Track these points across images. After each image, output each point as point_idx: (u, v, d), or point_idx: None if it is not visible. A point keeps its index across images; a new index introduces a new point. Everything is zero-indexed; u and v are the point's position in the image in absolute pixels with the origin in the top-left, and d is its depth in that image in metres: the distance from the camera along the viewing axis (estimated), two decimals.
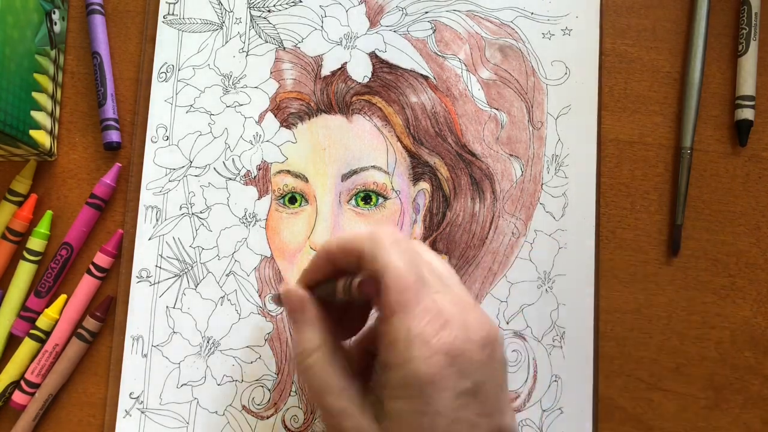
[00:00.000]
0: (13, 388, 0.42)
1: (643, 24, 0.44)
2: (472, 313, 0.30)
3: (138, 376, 0.41)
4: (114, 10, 0.45)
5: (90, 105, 0.44)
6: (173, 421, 0.41)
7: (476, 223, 0.42)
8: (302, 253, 0.42)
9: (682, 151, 0.43)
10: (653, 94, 0.44)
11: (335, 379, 0.31)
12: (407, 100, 0.43)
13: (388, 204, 0.42)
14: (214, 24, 0.44)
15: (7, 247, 0.43)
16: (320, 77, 0.43)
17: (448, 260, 0.42)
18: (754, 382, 0.41)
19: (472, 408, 0.29)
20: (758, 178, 0.43)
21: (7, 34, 0.38)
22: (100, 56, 0.44)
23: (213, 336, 0.41)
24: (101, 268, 0.42)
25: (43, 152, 0.42)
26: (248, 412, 0.41)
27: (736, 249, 0.43)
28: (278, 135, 0.43)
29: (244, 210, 0.42)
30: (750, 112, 0.43)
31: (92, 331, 0.42)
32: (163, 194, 0.43)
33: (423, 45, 0.44)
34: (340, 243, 0.33)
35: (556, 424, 0.40)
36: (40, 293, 0.42)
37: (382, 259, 0.30)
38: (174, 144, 0.43)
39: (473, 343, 0.29)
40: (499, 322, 0.41)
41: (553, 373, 0.41)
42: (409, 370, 0.28)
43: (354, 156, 0.42)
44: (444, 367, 0.28)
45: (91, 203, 0.42)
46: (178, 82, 0.44)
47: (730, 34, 0.44)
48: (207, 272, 0.42)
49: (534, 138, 0.43)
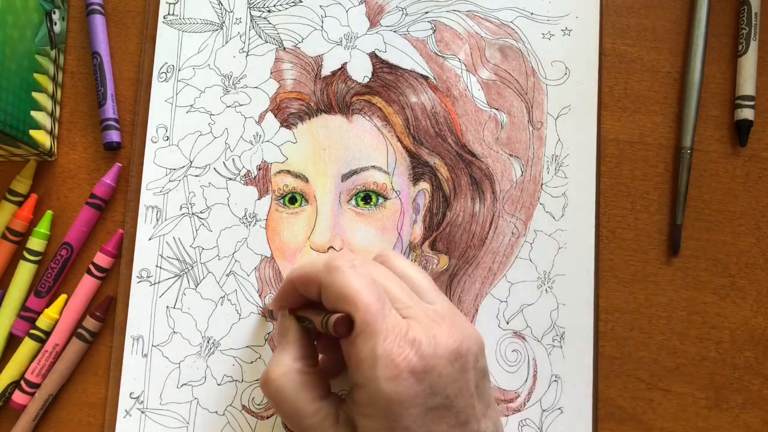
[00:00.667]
0: (13, 388, 0.42)
1: (643, 24, 0.44)
2: (443, 324, 0.30)
3: (138, 376, 0.41)
4: (114, 10, 0.45)
5: (90, 105, 0.44)
6: (173, 421, 0.41)
7: (476, 223, 0.42)
8: (302, 253, 0.42)
9: (682, 151, 0.43)
10: (653, 94, 0.44)
11: (305, 402, 0.31)
12: (407, 100, 0.43)
13: (388, 204, 0.42)
14: (214, 24, 0.44)
15: (7, 247, 0.43)
16: (320, 77, 0.43)
17: (448, 260, 0.42)
18: (754, 382, 0.41)
19: (445, 420, 0.29)
20: (758, 178, 0.43)
21: (7, 34, 0.38)
22: (100, 56, 0.44)
23: (213, 336, 0.42)
24: (101, 268, 0.42)
25: (43, 152, 0.42)
26: (248, 412, 0.41)
27: (736, 249, 0.43)
28: (278, 135, 0.43)
29: (244, 210, 0.42)
30: (750, 112, 0.43)
31: (92, 331, 0.42)
32: (164, 194, 0.43)
33: (423, 45, 0.44)
34: (299, 274, 0.33)
35: (556, 424, 0.40)
36: (40, 293, 0.42)
37: (341, 286, 0.30)
38: (174, 144, 0.43)
39: (442, 358, 0.29)
40: (499, 322, 0.41)
41: (553, 373, 0.41)
42: (376, 390, 0.28)
43: (354, 156, 0.42)
44: (411, 386, 0.28)
45: (91, 203, 0.42)
46: (179, 82, 0.44)
47: (730, 34, 0.44)
48: (207, 272, 0.42)
49: (534, 138, 0.43)
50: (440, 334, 0.30)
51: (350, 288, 0.30)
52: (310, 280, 0.32)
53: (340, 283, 0.30)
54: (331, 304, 0.31)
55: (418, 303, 0.32)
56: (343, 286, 0.30)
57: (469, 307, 0.41)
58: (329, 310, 0.31)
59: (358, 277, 0.30)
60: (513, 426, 0.40)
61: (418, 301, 0.32)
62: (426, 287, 0.33)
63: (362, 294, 0.30)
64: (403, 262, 0.34)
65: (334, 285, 0.30)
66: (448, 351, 0.29)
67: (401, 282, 0.32)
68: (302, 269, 0.33)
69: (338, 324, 0.30)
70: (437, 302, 0.32)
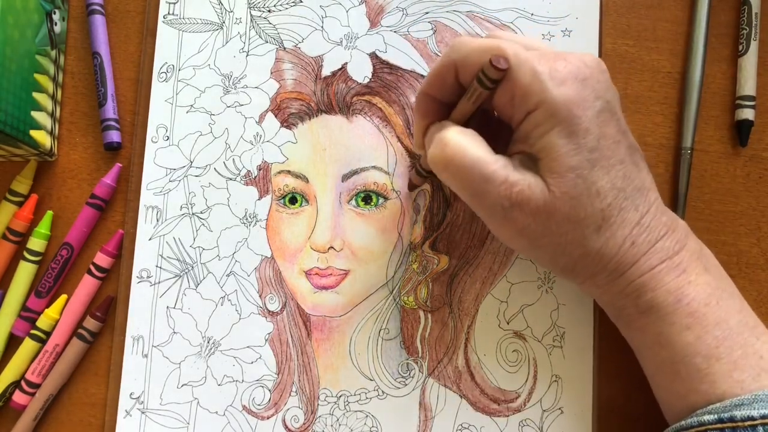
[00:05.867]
0: (14, 388, 0.42)
1: (643, 24, 0.44)
2: (575, 52, 0.33)
3: (138, 376, 0.41)
4: (114, 10, 0.45)
5: (90, 105, 0.44)
6: (173, 422, 0.41)
7: (476, 224, 0.42)
8: (302, 253, 0.42)
9: (683, 151, 0.43)
10: (653, 94, 0.44)
11: (485, 152, 0.33)
12: (407, 101, 0.43)
13: (388, 204, 0.42)
14: (215, 24, 0.44)
15: (8, 247, 0.43)
16: (320, 77, 0.43)
17: (449, 260, 0.42)
18: None
19: (611, 124, 0.32)
20: (758, 178, 0.43)
21: (7, 35, 0.38)
22: (100, 56, 0.44)
23: (213, 336, 0.42)
24: (101, 268, 0.42)
25: (43, 152, 0.42)
26: (248, 412, 0.41)
27: (736, 249, 0.43)
28: (279, 135, 0.43)
29: (244, 210, 0.42)
30: (750, 112, 0.43)
31: (92, 331, 0.42)
32: (164, 194, 0.43)
33: (423, 45, 0.44)
34: (432, 75, 0.35)
35: (556, 424, 0.40)
36: (41, 293, 0.42)
37: (479, 43, 0.33)
38: (174, 144, 0.43)
39: (592, 68, 0.32)
40: (500, 322, 0.41)
41: (553, 373, 0.41)
42: (551, 100, 0.31)
43: (354, 156, 0.42)
44: (578, 89, 0.31)
45: (91, 203, 0.42)
46: (179, 82, 0.44)
47: (731, 34, 0.44)
48: (207, 272, 0.42)
49: None
50: (579, 54, 0.33)
51: (487, 41, 0.33)
52: (444, 70, 0.34)
53: (475, 42, 0.33)
54: (475, 61, 0.33)
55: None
56: (480, 42, 0.33)
57: (470, 307, 0.41)
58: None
59: (486, 38, 0.34)
60: (513, 426, 0.40)
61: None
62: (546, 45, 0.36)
63: (503, 39, 0.33)
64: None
65: (470, 45, 0.33)
66: (595, 62, 0.33)
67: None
68: (428, 77, 0.35)
69: (495, 59, 0.31)
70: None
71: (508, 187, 0.32)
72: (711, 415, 0.32)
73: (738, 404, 0.31)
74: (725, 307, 0.34)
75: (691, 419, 0.33)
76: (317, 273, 0.42)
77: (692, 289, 0.33)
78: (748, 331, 0.33)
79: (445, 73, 0.34)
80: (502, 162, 0.33)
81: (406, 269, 0.42)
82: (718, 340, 0.33)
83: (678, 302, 0.33)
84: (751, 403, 0.31)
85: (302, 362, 0.41)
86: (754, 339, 0.33)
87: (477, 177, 0.33)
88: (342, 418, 0.41)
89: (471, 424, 0.41)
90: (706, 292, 0.33)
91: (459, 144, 0.33)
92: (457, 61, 0.33)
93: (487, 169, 0.32)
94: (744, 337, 0.33)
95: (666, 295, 0.33)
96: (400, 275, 0.42)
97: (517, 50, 0.32)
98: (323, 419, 0.41)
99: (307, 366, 0.41)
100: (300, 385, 0.41)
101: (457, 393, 0.41)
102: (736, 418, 0.31)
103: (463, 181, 0.33)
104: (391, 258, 0.42)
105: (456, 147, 0.33)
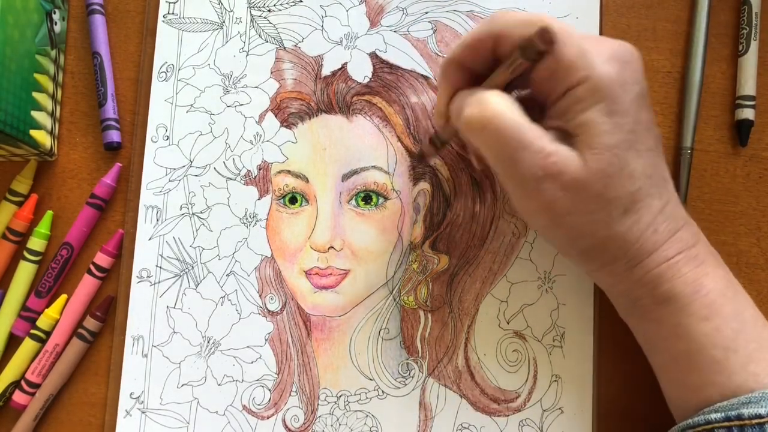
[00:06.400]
0: (14, 388, 0.42)
1: (643, 24, 0.44)
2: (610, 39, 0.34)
3: (138, 376, 0.41)
4: (114, 10, 0.45)
5: (90, 105, 0.44)
6: (174, 421, 0.41)
7: (476, 223, 0.42)
8: (302, 253, 0.42)
9: (683, 151, 0.43)
10: (653, 94, 0.44)
11: (523, 119, 0.32)
12: (407, 101, 0.43)
13: (388, 204, 0.42)
14: (215, 24, 0.44)
15: (8, 247, 0.43)
16: (320, 77, 0.43)
17: (449, 260, 0.42)
18: None
19: (645, 111, 0.33)
20: (758, 178, 0.43)
21: (7, 35, 0.38)
22: (100, 56, 0.44)
23: (213, 336, 0.42)
24: (101, 268, 0.42)
25: (43, 152, 0.42)
26: (248, 412, 0.41)
27: (736, 249, 0.43)
28: (278, 135, 0.43)
29: (244, 210, 0.42)
30: (750, 112, 0.43)
31: (92, 331, 0.42)
32: (164, 194, 0.43)
33: (423, 45, 0.44)
34: (465, 43, 0.34)
35: (556, 424, 0.40)
36: (41, 293, 0.42)
37: (518, 16, 0.33)
38: (174, 144, 0.43)
39: (633, 53, 0.33)
40: (500, 321, 0.41)
41: (553, 373, 0.41)
42: (596, 76, 0.31)
43: (354, 156, 0.42)
44: (620, 70, 0.32)
45: (91, 203, 0.42)
46: (178, 81, 0.44)
47: (731, 34, 0.44)
48: (207, 272, 0.42)
49: None
50: (616, 41, 0.33)
51: (532, 15, 0.33)
52: (480, 39, 0.34)
53: (519, 15, 0.33)
54: (517, 34, 0.32)
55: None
56: (524, 15, 0.33)
57: (470, 306, 0.41)
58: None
59: (530, 13, 0.35)
60: (513, 426, 0.40)
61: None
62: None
63: (544, 15, 0.33)
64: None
65: (515, 17, 0.33)
66: (634, 48, 0.33)
67: None
68: (459, 45, 0.35)
69: (543, 31, 0.30)
70: None
71: (545, 156, 0.31)
72: (718, 414, 0.32)
73: (746, 402, 0.31)
74: (740, 300, 0.34)
75: (698, 417, 0.33)
76: (317, 273, 0.42)
77: (709, 281, 0.33)
78: (761, 324, 0.34)
79: (480, 43, 0.34)
80: (539, 131, 0.32)
81: (406, 269, 0.42)
82: (735, 332, 0.33)
83: (696, 293, 0.33)
84: (759, 400, 0.31)
85: (302, 362, 0.41)
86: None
87: (514, 142, 0.32)
88: (342, 417, 0.41)
89: (471, 423, 0.41)
90: (722, 284, 0.34)
91: (499, 105, 0.32)
92: (499, 32, 0.33)
93: (525, 136, 0.31)
94: (758, 331, 0.33)
95: (684, 286, 0.33)
96: (400, 275, 0.42)
97: (563, 26, 0.32)
98: (323, 419, 0.41)
99: (307, 366, 0.41)
100: (300, 385, 0.41)
101: (457, 393, 0.41)
102: (744, 416, 0.31)
103: (499, 145, 0.32)
104: (391, 258, 0.42)
105: (496, 108, 0.32)
